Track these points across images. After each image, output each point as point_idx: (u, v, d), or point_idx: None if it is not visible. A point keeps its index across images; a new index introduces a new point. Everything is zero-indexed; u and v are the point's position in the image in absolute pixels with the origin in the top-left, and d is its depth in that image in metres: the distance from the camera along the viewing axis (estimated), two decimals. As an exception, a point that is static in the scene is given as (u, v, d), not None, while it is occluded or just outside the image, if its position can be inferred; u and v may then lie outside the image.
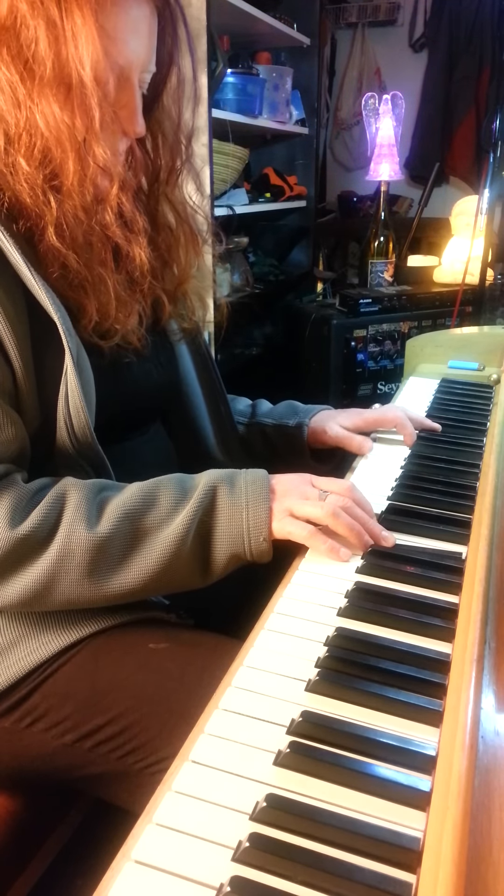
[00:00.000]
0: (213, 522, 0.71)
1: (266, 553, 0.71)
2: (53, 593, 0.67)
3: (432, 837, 0.43)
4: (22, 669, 0.71)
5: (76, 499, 0.68)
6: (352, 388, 2.31)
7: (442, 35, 3.16)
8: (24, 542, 0.65)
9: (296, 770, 0.48)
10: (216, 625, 0.78)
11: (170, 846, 0.43)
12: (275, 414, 1.06)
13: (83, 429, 0.72)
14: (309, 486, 0.75)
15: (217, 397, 1.00)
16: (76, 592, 0.68)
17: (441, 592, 0.68)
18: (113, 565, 0.68)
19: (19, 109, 0.67)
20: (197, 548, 0.70)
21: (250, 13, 2.16)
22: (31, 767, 0.74)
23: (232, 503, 0.71)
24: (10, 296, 0.69)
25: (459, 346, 1.46)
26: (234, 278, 2.45)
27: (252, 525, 0.70)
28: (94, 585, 0.68)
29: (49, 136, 0.68)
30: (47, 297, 0.69)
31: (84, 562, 0.66)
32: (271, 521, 0.71)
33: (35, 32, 0.65)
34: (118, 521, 0.68)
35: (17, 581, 0.66)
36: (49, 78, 0.66)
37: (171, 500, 0.70)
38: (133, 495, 0.70)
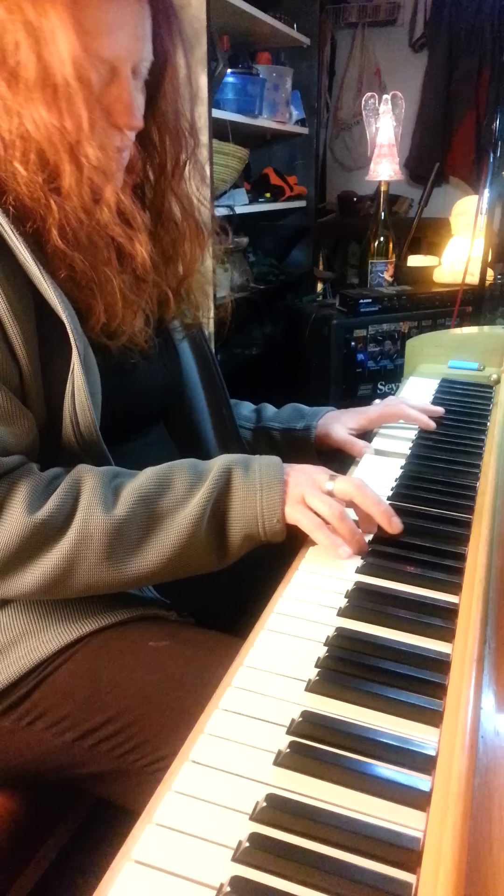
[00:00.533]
0: (228, 504, 0.71)
1: (280, 533, 0.72)
2: (73, 578, 0.68)
3: (432, 837, 0.43)
4: (22, 668, 0.71)
5: (91, 484, 0.69)
6: (352, 388, 2.31)
7: (442, 35, 3.16)
8: (42, 528, 0.66)
9: (296, 770, 0.48)
10: (216, 624, 0.78)
11: (170, 846, 0.43)
12: (281, 418, 1.06)
13: (89, 427, 0.73)
14: (322, 474, 0.76)
15: (219, 399, 1.01)
16: (95, 577, 0.68)
17: (441, 592, 0.68)
18: (131, 548, 0.68)
19: (10, 116, 0.67)
20: (213, 529, 0.71)
21: (250, 13, 2.16)
22: (32, 766, 0.74)
23: (247, 485, 0.72)
24: (18, 294, 0.69)
25: (459, 346, 1.46)
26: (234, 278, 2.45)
27: (266, 506, 0.71)
28: (112, 569, 0.68)
29: (41, 140, 0.68)
30: (56, 297, 0.70)
31: (102, 545, 0.67)
32: (285, 503, 0.72)
33: (15, 37, 0.65)
34: (134, 504, 0.68)
35: (36, 567, 0.66)
36: (34, 81, 0.66)
37: (186, 483, 0.71)
38: (148, 479, 0.71)
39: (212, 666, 0.67)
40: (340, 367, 2.29)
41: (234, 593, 0.80)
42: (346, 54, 3.44)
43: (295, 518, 0.72)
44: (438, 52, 3.19)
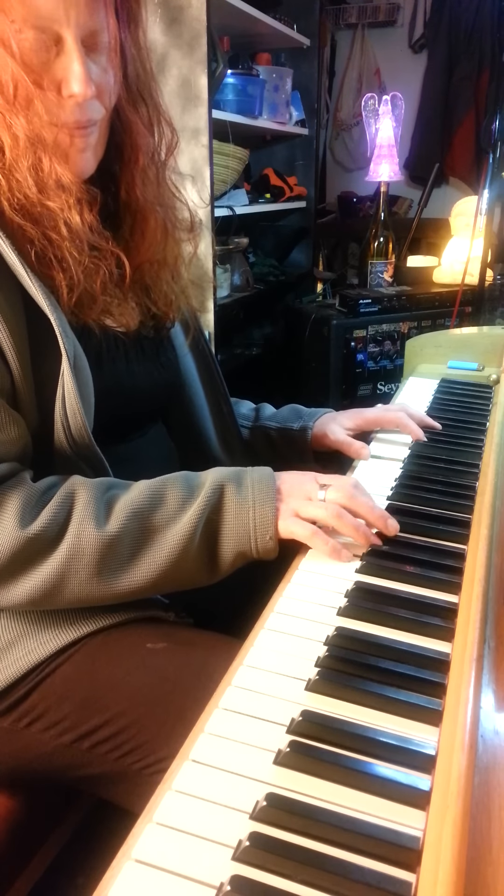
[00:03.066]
0: (220, 521, 0.71)
1: (272, 551, 0.72)
2: (63, 592, 0.68)
3: (432, 836, 0.43)
4: (20, 669, 0.71)
5: (85, 498, 0.69)
6: (351, 389, 2.31)
7: (441, 36, 3.16)
8: (34, 542, 0.65)
9: (296, 769, 0.48)
10: (215, 624, 0.78)
11: (170, 845, 0.43)
12: (279, 417, 1.06)
13: (80, 431, 0.73)
14: (313, 483, 0.75)
15: (219, 397, 1.01)
16: (85, 591, 0.68)
17: (441, 592, 0.68)
18: (122, 563, 0.68)
19: None
20: (204, 546, 0.71)
21: (250, 14, 2.16)
22: (30, 767, 0.74)
23: (239, 502, 0.71)
24: (7, 298, 0.69)
25: (459, 346, 1.46)
26: (234, 279, 2.45)
27: (259, 524, 0.71)
28: (103, 584, 0.68)
29: None
30: (44, 299, 0.69)
31: (93, 561, 0.67)
32: (277, 519, 0.71)
33: None
34: (127, 519, 0.68)
35: (27, 580, 0.66)
36: None
37: (178, 499, 0.71)
38: (141, 493, 0.70)
39: (210, 667, 0.67)
40: (340, 368, 2.29)
41: (234, 594, 0.80)
42: (346, 55, 3.44)
43: (289, 531, 0.72)
44: (438, 53, 3.20)
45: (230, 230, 2.33)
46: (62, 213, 0.71)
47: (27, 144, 0.68)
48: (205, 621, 0.80)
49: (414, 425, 1.01)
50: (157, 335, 0.90)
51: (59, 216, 0.71)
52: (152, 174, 0.83)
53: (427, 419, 1.06)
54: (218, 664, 0.61)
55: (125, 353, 0.82)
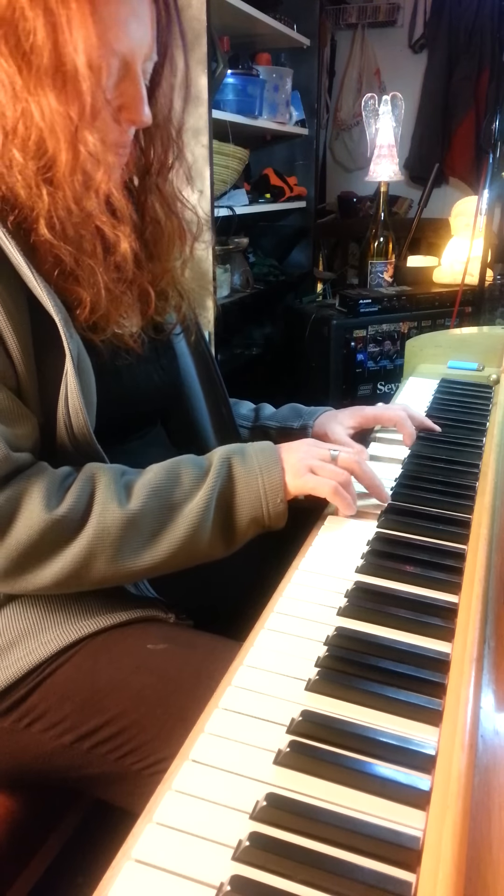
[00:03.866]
0: (232, 491, 0.75)
1: (283, 514, 0.76)
2: (90, 572, 0.69)
3: (432, 836, 0.43)
4: (21, 669, 0.71)
5: (105, 480, 0.71)
6: (352, 389, 2.31)
7: (441, 36, 3.16)
8: (61, 523, 0.67)
9: (296, 769, 0.48)
10: (216, 625, 0.78)
11: (170, 845, 0.43)
12: (278, 417, 1.07)
13: (82, 430, 0.73)
14: (324, 447, 0.81)
15: (219, 399, 1.01)
16: (111, 569, 0.70)
17: (441, 592, 0.68)
18: (144, 540, 0.70)
19: (16, 101, 0.67)
20: (219, 517, 0.74)
21: (250, 14, 2.17)
22: (30, 768, 0.74)
23: (247, 471, 0.75)
24: (13, 297, 0.69)
25: (459, 346, 1.46)
26: (234, 279, 2.45)
27: (268, 489, 0.75)
28: (127, 561, 0.70)
29: (44, 127, 0.67)
30: (49, 299, 0.69)
31: (118, 539, 0.69)
32: (285, 483, 0.76)
33: (33, 23, 0.65)
34: (147, 497, 0.71)
35: (55, 562, 0.68)
36: (46, 68, 0.66)
37: (191, 476, 0.74)
38: (157, 474, 0.73)
39: (210, 668, 0.67)
40: (340, 368, 2.29)
41: (233, 595, 0.80)
42: (346, 55, 3.44)
43: (309, 486, 0.77)
44: (438, 53, 3.20)
45: (230, 230, 2.33)
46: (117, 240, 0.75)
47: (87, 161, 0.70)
48: (205, 622, 0.80)
49: (410, 427, 1.01)
50: (158, 337, 0.90)
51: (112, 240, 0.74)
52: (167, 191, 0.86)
53: (426, 421, 1.06)
54: (218, 665, 0.61)
55: (127, 355, 0.82)
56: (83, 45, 0.66)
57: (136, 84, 0.73)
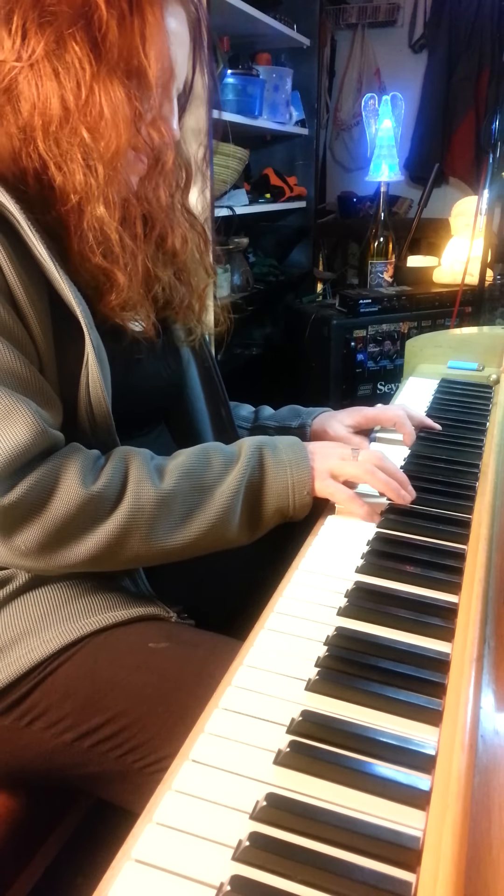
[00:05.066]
0: (262, 480, 0.77)
1: (307, 507, 0.78)
2: (124, 549, 0.70)
3: (432, 836, 0.43)
4: (22, 667, 0.71)
5: (138, 461, 0.73)
6: (352, 389, 2.31)
7: (441, 36, 3.16)
8: (97, 499, 0.68)
9: (296, 769, 0.48)
10: (216, 625, 0.78)
11: (170, 845, 0.43)
12: (277, 417, 1.07)
13: (104, 417, 0.75)
14: (345, 447, 0.83)
15: (218, 400, 1.01)
16: (144, 548, 0.71)
17: (441, 592, 0.68)
18: (176, 521, 0.72)
19: (82, 87, 0.70)
20: (247, 504, 0.76)
21: (250, 14, 2.16)
22: (31, 766, 0.74)
23: (276, 463, 0.78)
24: (35, 287, 0.71)
25: (459, 346, 1.46)
26: (234, 279, 2.45)
27: (297, 481, 0.77)
28: (159, 540, 0.71)
29: (106, 114, 0.70)
30: (70, 292, 0.72)
31: (152, 517, 0.70)
32: (314, 478, 0.78)
33: (108, 21, 0.69)
34: (180, 479, 0.73)
35: (90, 538, 0.69)
36: (115, 62, 0.70)
37: (221, 461, 0.76)
38: (188, 457, 0.76)
39: (211, 667, 0.67)
40: (340, 368, 2.29)
41: (234, 595, 0.80)
42: (346, 55, 3.44)
43: (328, 492, 0.79)
44: (438, 53, 3.19)
45: (230, 230, 2.33)
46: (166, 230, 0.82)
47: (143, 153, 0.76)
48: (205, 622, 0.80)
49: (409, 427, 1.01)
50: (165, 335, 0.91)
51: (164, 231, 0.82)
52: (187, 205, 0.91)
53: (426, 420, 1.06)
54: (219, 664, 0.61)
55: (138, 350, 0.84)
56: (154, 52, 0.71)
57: (172, 102, 0.78)
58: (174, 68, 0.76)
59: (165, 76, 0.75)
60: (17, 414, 0.66)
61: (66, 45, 0.69)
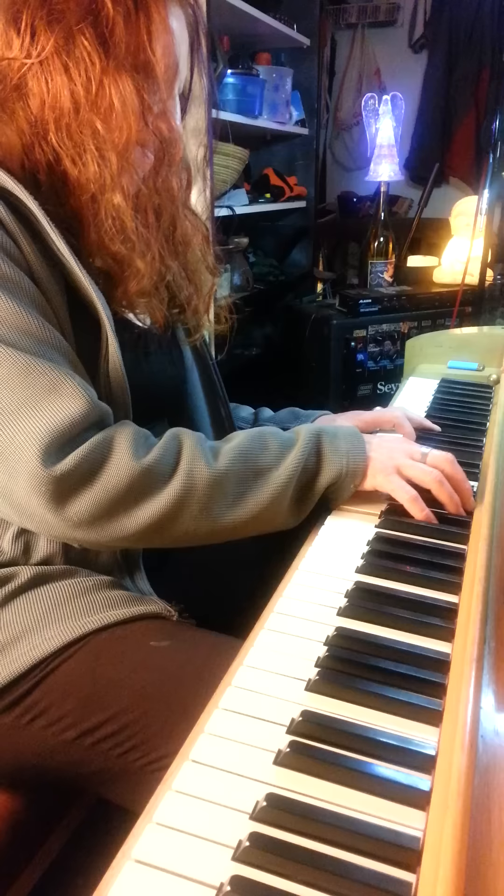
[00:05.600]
0: (318, 467, 0.78)
1: (348, 495, 0.80)
2: (175, 524, 0.71)
3: (432, 837, 0.43)
4: (23, 665, 0.71)
5: (191, 440, 0.74)
6: (352, 389, 2.31)
7: (441, 35, 3.16)
8: (149, 473, 0.69)
9: (296, 769, 0.48)
10: (216, 625, 0.78)
11: (170, 845, 0.43)
12: (276, 419, 1.08)
13: (125, 407, 0.76)
14: (415, 445, 0.83)
15: (218, 399, 1.01)
16: (194, 525, 0.71)
17: (441, 592, 0.68)
18: (229, 500, 0.73)
19: (91, 82, 0.72)
20: (299, 489, 0.76)
21: (250, 14, 2.16)
22: (32, 765, 0.74)
23: (334, 451, 0.78)
24: (56, 282, 0.73)
25: (459, 346, 1.46)
26: (234, 279, 2.45)
27: (349, 472, 0.78)
28: (211, 518, 0.72)
29: (116, 108, 0.72)
30: (89, 285, 0.73)
31: (204, 495, 0.71)
32: (366, 474, 0.79)
33: (114, 17, 0.71)
34: (234, 460, 0.74)
35: (142, 511, 0.69)
36: (122, 57, 0.72)
37: (278, 445, 0.76)
38: (244, 440, 0.76)
39: (212, 665, 0.67)
40: (340, 368, 2.29)
41: (235, 593, 0.80)
42: (346, 55, 3.44)
43: (390, 488, 0.79)
44: (438, 53, 3.19)
45: (230, 230, 2.33)
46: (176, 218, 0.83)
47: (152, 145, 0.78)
48: (206, 622, 0.80)
49: (409, 427, 1.01)
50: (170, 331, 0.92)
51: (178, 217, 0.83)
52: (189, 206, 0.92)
53: (425, 422, 1.06)
54: (221, 662, 0.61)
55: (145, 346, 0.85)
56: (160, 48, 0.73)
57: (174, 98, 0.80)
58: (178, 65, 0.77)
59: (170, 72, 0.77)
60: (66, 386, 0.67)
61: (76, 41, 0.70)
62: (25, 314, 0.68)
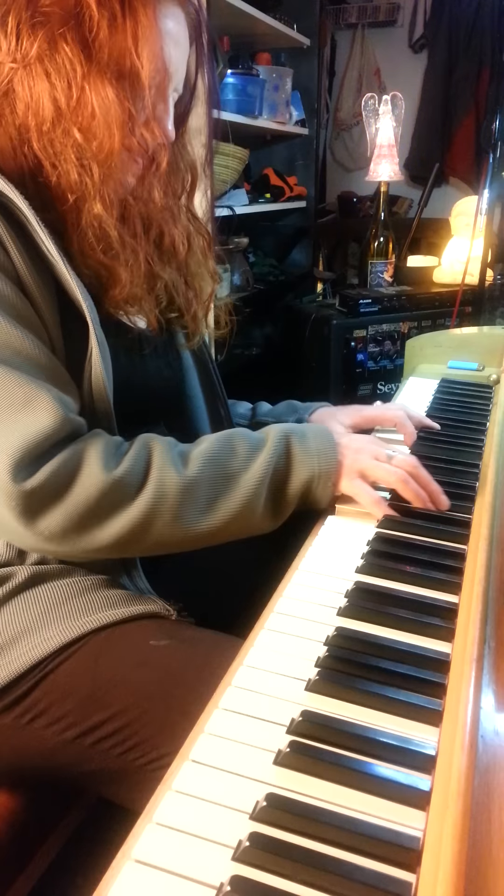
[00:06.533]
0: (287, 468, 0.77)
1: (327, 499, 0.79)
2: (147, 534, 0.70)
3: (432, 837, 0.43)
4: (23, 665, 0.71)
5: (160, 447, 0.73)
6: (352, 389, 2.31)
7: (441, 36, 3.16)
8: (120, 485, 0.68)
9: (296, 769, 0.48)
10: (216, 625, 0.78)
11: (170, 845, 0.43)
12: (274, 413, 1.07)
13: (106, 412, 0.76)
14: (381, 447, 0.82)
15: (217, 400, 1.01)
16: (167, 534, 0.71)
17: (441, 592, 0.68)
18: (201, 507, 0.72)
19: (73, 88, 0.71)
20: (272, 491, 0.76)
21: (250, 14, 2.17)
22: (32, 764, 0.74)
23: (304, 451, 0.77)
24: (44, 284, 0.72)
25: (459, 346, 1.46)
26: (234, 279, 2.45)
27: (322, 472, 0.77)
28: (183, 526, 0.72)
29: (98, 115, 0.71)
30: (77, 287, 0.72)
31: (176, 503, 0.70)
32: (340, 471, 0.78)
33: (98, 21, 0.69)
34: (204, 465, 0.73)
35: (114, 523, 0.69)
36: (105, 62, 0.71)
37: (247, 448, 0.76)
38: (212, 444, 0.76)
39: (213, 665, 0.67)
40: (340, 368, 2.29)
41: (235, 593, 0.80)
42: (346, 55, 3.44)
43: (354, 492, 0.78)
44: (438, 53, 3.19)
45: (230, 230, 2.33)
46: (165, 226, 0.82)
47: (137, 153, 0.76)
48: (205, 622, 0.80)
49: (410, 427, 1.01)
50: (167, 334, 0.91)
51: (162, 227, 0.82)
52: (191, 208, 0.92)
53: (426, 420, 1.06)
54: (221, 661, 0.61)
55: (140, 349, 0.85)
56: (146, 52, 0.71)
57: (167, 103, 0.78)
58: (169, 69, 0.76)
59: (159, 77, 0.75)
60: (39, 400, 0.67)
61: (57, 46, 0.69)
62: (4, 324, 0.68)
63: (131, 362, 0.83)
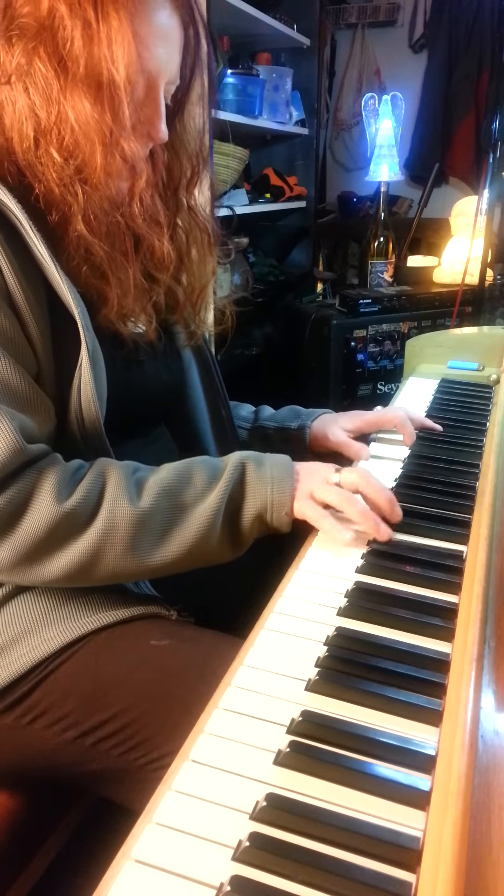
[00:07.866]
0: (242, 496, 0.75)
1: (287, 525, 0.76)
2: (98, 566, 0.69)
3: (432, 837, 0.43)
4: (24, 666, 0.72)
5: (116, 476, 0.71)
6: (351, 389, 2.31)
7: (441, 36, 3.16)
8: (70, 517, 0.67)
9: (296, 769, 0.48)
10: (216, 625, 0.78)
11: (170, 845, 0.43)
12: (277, 417, 1.07)
13: (93, 422, 0.74)
14: (329, 469, 0.79)
15: (218, 401, 1.01)
16: (119, 566, 0.70)
17: (441, 592, 0.68)
18: (154, 539, 0.71)
19: (52, 103, 0.70)
20: (227, 521, 0.74)
21: (250, 14, 2.16)
22: (33, 765, 0.74)
23: (259, 478, 0.75)
24: (33, 289, 0.71)
25: (459, 346, 1.46)
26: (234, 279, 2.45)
27: (276, 499, 0.75)
28: (136, 559, 0.70)
29: (78, 130, 0.70)
30: (69, 293, 0.72)
31: (128, 535, 0.69)
32: (294, 499, 0.75)
33: (71, 32, 0.68)
34: (158, 496, 0.71)
35: (64, 555, 0.68)
36: (81, 76, 0.69)
37: (204, 478, 0.74)
38: (169, 473, 0.74)
39: (213, 664, 0.67)
40: (340, 368, 2.29)
41: (234, 593, 0.80)
42: (346, 55, 3.43)
43: (302, 511, 0.75)
44: (438, 53, 3.19)
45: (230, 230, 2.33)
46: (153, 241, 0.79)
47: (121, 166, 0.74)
48: (205, 622, 0.80)
49: (410, 427, 1.01)
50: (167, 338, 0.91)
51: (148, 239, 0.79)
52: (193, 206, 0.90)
53: (427, 421, 1.06)
54: (222, 661, 0.61)
55: (137, 353, 0.84)
56: (124, 61, 0.69)
57: (157, 103, 0.76)
58: (157, 66, 0.74)
59: (144, 79, 0.73)
60: None
61: (33, 62, 0.68)
62: None
63: (129, 369, 0.83)
